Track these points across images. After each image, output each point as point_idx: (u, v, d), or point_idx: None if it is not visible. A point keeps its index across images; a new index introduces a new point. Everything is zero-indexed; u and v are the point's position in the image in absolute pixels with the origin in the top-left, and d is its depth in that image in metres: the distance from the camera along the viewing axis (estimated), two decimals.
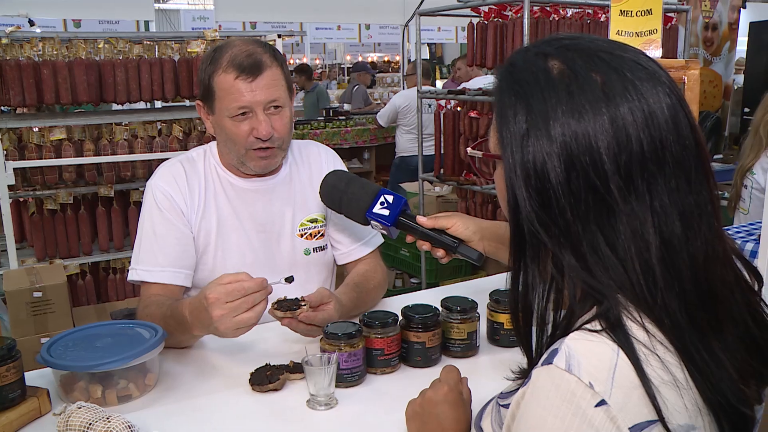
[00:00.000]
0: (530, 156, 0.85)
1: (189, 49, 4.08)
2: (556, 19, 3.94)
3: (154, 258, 1.74)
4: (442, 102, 4.46)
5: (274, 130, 1.72)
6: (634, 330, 0.80)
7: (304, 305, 1.49)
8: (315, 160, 1.94)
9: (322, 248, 1.91)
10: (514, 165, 0.86)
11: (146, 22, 9.17)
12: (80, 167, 3.97)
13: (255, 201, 1.83)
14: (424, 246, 1.53)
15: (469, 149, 1.07)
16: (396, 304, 1.85)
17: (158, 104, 4.90)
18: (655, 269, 0.82)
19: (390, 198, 1.51)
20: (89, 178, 4.01)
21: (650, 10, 1.85)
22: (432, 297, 1.75)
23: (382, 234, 1.68)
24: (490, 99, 3.94)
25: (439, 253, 1.52)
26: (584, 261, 0.83)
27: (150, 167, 4.05)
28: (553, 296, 0.88)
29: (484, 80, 5.98)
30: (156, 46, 4.05)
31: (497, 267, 3.48)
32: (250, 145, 1.72)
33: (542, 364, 0.81)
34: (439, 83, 10.98)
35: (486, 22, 4.00)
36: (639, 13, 1.87)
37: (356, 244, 1.92)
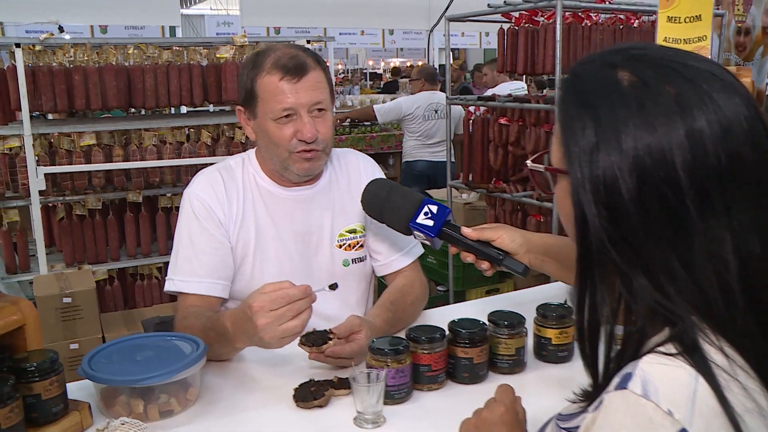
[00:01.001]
0: (600, 170, 0.81)
1: (218, 55, 4.09)
2: (588, 24, 3.89)
3: (192, 268, 1.72)
4: (471, 108, 4.42)
5: (318, 132, 1.69)
6: (712, 354, 0.76)
7: (332, 338, 1.45)
8: (354, 169, 1.90)
9: (361, 259, 1.87)
10: (583, 180, 0.83)
11: (172, 28, 9.22)
12: (109, 173, 3.98)
13: (294, 210, 1.80)
14: (468, 258, 1.48)
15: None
16: (436, 318, 1.81)
17: (184, 110, 4.91)
18: (735, 290, 0.78)
19: (434, 208, 1.47)
20: (118, 183, 4.02)
21: (699, 16, 1.78)
22: (471, 310, 1.71)
23: (423, 244, 1.65)
24: (519, 105, 3.90)
25: (484, 265, 1.48)
26: (656, 280, 0.80)
27: (178, 173, 4.05)
28: (622, 316, 0.84)
29: (511, 86, 5.92)
30: (185, 52, 4.06)
31: (528, 278, 3.44)
32: (294, 148, 1.70)
33: (615, 389, 0.77)
34: None
35: (516, 28, 3.96)
36: (687, 20, 1.81)
37: (395, 255, 1.87)
